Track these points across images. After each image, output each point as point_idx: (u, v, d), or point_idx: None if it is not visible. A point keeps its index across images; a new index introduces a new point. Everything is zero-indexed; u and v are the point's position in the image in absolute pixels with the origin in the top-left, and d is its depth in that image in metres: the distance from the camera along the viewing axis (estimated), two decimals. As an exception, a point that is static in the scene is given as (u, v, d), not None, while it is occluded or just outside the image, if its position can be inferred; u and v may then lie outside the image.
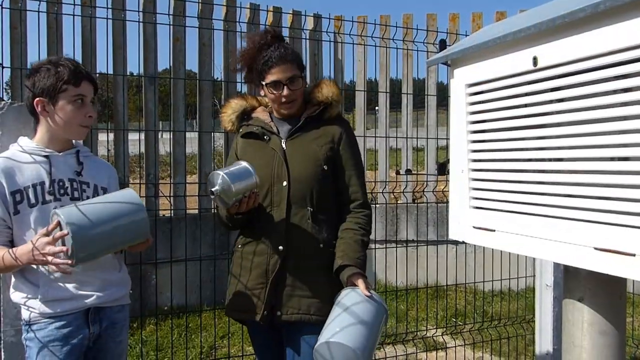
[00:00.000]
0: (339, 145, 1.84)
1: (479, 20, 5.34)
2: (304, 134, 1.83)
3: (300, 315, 1.75)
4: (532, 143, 1.10)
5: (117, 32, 4.20)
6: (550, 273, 2.80)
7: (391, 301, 4.57)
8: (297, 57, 1.83)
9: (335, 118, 1.88)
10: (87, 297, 1.63)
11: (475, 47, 1.20)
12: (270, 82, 1.78)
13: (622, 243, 0.90)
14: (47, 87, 1.58)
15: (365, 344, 1.54)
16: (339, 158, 1.84)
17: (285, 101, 1.79)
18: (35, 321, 1.59)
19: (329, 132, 1.84)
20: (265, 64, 1.79)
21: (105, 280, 1.68)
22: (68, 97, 1.59)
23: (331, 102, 1.85)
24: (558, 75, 1.02)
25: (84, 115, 1.62)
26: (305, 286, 1.76)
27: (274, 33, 1.86)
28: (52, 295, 1.59)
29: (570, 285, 1.15)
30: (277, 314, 1.76)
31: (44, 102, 1.59)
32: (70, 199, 1.63)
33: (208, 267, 4.29)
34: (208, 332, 3.71)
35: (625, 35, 0.87)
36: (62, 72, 1.58)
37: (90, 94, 1.65)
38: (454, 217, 1.35)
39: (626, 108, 0.90)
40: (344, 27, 4.90)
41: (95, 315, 1.67)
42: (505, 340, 3.61)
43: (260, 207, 1.79)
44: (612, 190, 0.94)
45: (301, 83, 1.81)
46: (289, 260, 1.76)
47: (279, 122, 1.88)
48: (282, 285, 1.76)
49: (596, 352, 1.09)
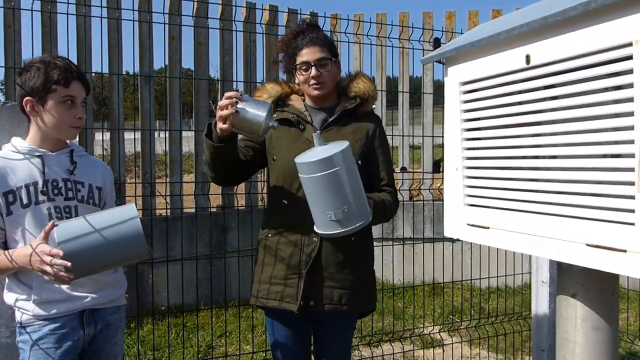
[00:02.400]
0: (372, 141, 1.87)
1: (475, 18, 5.34)
2: (339, 126, 1.85)
3: (332, 305, 1.79)
4: (525, 141, 1.11)
5: (112, 30, 4.19)
6: (546, 270, 2.82)
7: (389, 299, 4.58)
8: (328, 41, 1.87)
9: (369, 113, 1.92)
10: (81, 298, 1.63)
11: (469, 46, 1.20)
12: (299, 63, 1.82)
13: (614, 239, 0.91)
14: (36, 86, 1.55)
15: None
16: (372, 153, 1.87)
17: (314, 83, 1.81)
18: (28, 323, 1.58)
19: (364, 127, 1.87)
20: (296, 47, 1.84)
21: (99, 282, 1.67)
22: (57, 97, 1.56)
23: (367, 98, 1.88)
24: (551, 73, 1.03)
25: (73, 117, 1.59)
26: (337, 277, 1.79)
27: (309, 21, 1.93)
28: (45, 297, 1.58)
29: (563, 281, 1.16)
30: (311, 304, 1.79)
31: (33, 102, 1.57)
32: (64, 199, 1.61)
33: (205, 266, 4.29)
34: (205, 331, 3.72)
35: (616, 33, 0.88)
36: (52, 72, 1.55)
37: (81, 95, 1.62)
38: (449, 214, 1.36)
39: (618, 105, 0.91)
40: (339, 25, 4.91)
41: (90, 317, 1.66)
42: (502, 336, 3.62)
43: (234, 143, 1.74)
44: (604, 187, 0.94)
45: (331, 66, 1.83)
46: (322, 252, 1.79)
47: (313, 112, 1.89)
48: (315, 276, 1.79)
49: (589, 347, 1.10)
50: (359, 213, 1.56)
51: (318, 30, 1.90)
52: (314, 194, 1.55)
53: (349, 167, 1.53)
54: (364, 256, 1.89)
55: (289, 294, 1.80)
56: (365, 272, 1.89)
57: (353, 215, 1.54)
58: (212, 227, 4.42)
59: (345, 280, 1.80)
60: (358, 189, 1.57)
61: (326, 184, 1.51)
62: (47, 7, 3.80)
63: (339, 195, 1.52)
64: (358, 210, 1.56)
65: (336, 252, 1.80)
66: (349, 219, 1.53)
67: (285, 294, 1.81)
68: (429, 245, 4.08)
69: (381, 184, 1.89)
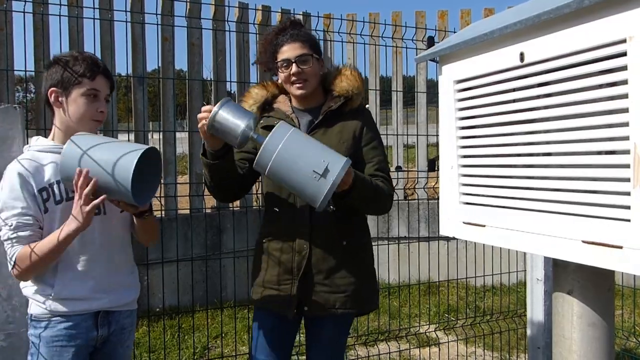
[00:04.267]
0: (359, 139, 1.82)
1: (467, 17, 5.36)
2: (324, 128, 1.80)
3: (326, 310, 1.78)
4: (520, 138, 1.11)
5: (104, 32, 4.17)
6: (541, 267, 2.83)
7: (384, 298, 4.59)
8: (310, 38, 1.82)
9: (357, 110, 1.85)
10: (99, 299, 1.63)
11: (463, 44, 1.21)
12: (280, 61, 1.78)
13: (609, 236, 0.91)
14: (62, 78, 1.59)
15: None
16: (360, 152, 1.81)
17: (295, 80, 1.77)
18: (43, 318, 1.58)
19: (350, 127, 1.81)
20: (277, 45, 1.80)
21: (119, 283, 1.68)
22: (82, 90, 1.60)
23: (351, 96, 1.82)
24: (545, 70, 1.03)
25: (95, 110, 1.62)
26: (330, 282, 1.78)
27: (292, 19, 1.89)
28: (65, 294, 1.58)
29: (559, 278, 1.16)
30: (305, 309, 1.79)
31: (58, 93, 1.60)
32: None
33: (200, 267, 4.28)
34: (201, 333, 3.70)
35: (609, 31, 0.88)
36: (79, 65, 1.60)
37: (105, 90, 1.66)
38: (445, 213, 1.36)
39: (612, 102, 0.91)
40: (332, 25, 4.91)
41: (104, 318, 1.66)
42: (498, 334, 3.63)
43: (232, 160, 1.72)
44: (599, 183, 0.95)
45: (312, 62, 1.78)
46: (314, 258, 1.78)
47: (300, 113, 1.85)
48: (308, 282, 1.78)
49: (585, 343, 1.10)
50: (336, 158, 1.51)
51: (300, 27, 1.86)
52: (287, 173, 1.51)
53: (296, 134, 1.53)
54: (362, 257, 1.87)
55: (283, 299, 1.80)
56: (365, 273, 1.86)
57: (333, 163, 1.49)
58: (207, 228, 4.41)
59: (340, 284, 1.79)
60: (319, 146, 1.54)
61: (287, 156, 1.49)
62: (39, 9, 3.78)
63: (306, 157, 1.50)
64: (334, 157, 1.51)
65: (328, 257, 1.78)
66: (332, 169, 1.48)
67: (279, 299, 1.81)
68: (424, 244, 4.08)
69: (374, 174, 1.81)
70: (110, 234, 1.68)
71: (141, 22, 4.28)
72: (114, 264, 1.67)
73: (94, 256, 1.62)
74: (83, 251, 1.60)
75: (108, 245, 1.67)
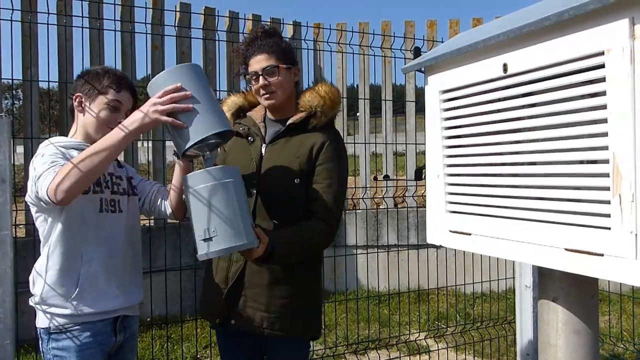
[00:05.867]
0: (317, 157, 1.72)
1: (456, 27, 5.42)
2: (285, 140, 1.75)
3: (253, 327, 1.72)
4: (505, 148, 1.12)
5: (94, 40, 4.16)
6: (530, 274, 2.85)
7: (374, 306, 4.59)
8: (277, 48, 1.74)
9: (324, 127, 1.77)
10: (120, 303, 1.67)
11: (448, 55, 1.22)
12: (249, 74, 1.76)
13: (591, 243, 0.93)
14: (90, 86, 1.67)
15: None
16: (313, 170, 1.72)
17: (263, 93, 1.74)
18: (65, 328, 1.58)
19: (309, 142, 1.73)
20: (246, 57, 1.77)
21: (133, 283, 1.74)
22: (106, 99, 1.67)
23: (315, 112, 1.74)
24: (528, 81, 1.05)
25: (114, 120, 1.67)
26: (260, 299, 1.71)
27: (264, 28, 1.82)
28: (90, 298, 1.59)
29: (544, 285, 1.18)
30: (232, 322, 1.74)
31: (82, 98, 1.68)
32: (110, 192, 1.69)
33: (189, 276, 4.25)
34: (190, 343, 3.68)
35: (588, 43, 0.90)
36: (107, 77, 1.68)
37: (128, 104, 1.72)
38: (431, 221, 1.37)
39: (592, 112, 0.93)
40: (322, 34, 4.94)
41: (121, 324, 1.70)
42: (488, 341, 3.65)
43: None
44: (582, 192, 0.96)
45: (279, 74, 1.72)
46: (249, 270, 1.72)
47: (270, 124, 1.82)
48: (238, 294, 1.73)
49: (570, 350, 1.11)
50: (231, 234, 1.47)
51: (272, 36, 1.79)
52: (191, 209, 1.51)
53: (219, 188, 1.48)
54: (302, 277, 1.76)
55: (213, 307, 1.79)
56: (303, 295, 1.75)
57: (223, 236, 1.46)
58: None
59: (272, 303, 1.70)
60: (234, 211, 1.48)
61: (193, 201, 1.48)
62: (27, 18, 3.77)
63: (205, 214, 1.47)
64: (231, 231, 1.47)
65: (262, 273, 1.70)
66: (220, 239, 1.45)
67: (210, 306, 1.81)
68: (414, 252, 4.10)
69: (315, 205, 1.69)
70: (130, 233, 1.74)
71: (130, 31, 4.28)
72: (132, 262, 1.74)
73: (115, 252, 1.67)
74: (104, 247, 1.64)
75: (129, 244, 1.73)
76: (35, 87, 4.03)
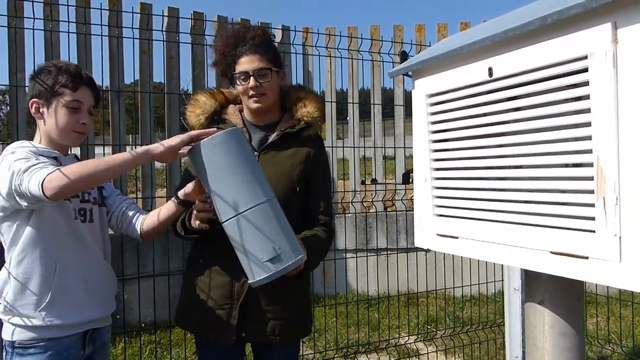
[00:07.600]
0: (312, 165, 1.75)
1: (444, 31, 5.45)
2: (279, 149, 1.73)
3: (266, 337, 1.70)
4: (491, 151, 1.13)
5: (80, 45, 4.14)
6: (518, 277, 2.86)
7: (364, 310, 4.58)
8: (270, 50, 1.72)
9: (313, 137, 1.80)
10: (93, 314, 1.61)
11: (434, 59, 1.23)
12: (238, 73, 1.70)
13: (576, 246, 0.93)
14: (44, 89, 1.55)
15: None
16: (310, 178, 1.75)
17: (252, 94, 1.70)
18: (30, 344, 1.50)
19: (303, 151, 1.75)
20: (235, 55, 1.71)
21: (107, 294, 1.68)
22: (63, 101, 1.55)
23: (313, 123, 1.77)
24: (513, 85, 1.05)
25: (76, 121, 1.58)
26: (270, 308, 1.70)
27: (257, 28, 1.77)
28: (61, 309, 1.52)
29: (531, 288, 1.18)
30: (243, 335, 1.70)
31: (39, 104, 1.57)
32: (80, 201, 1.62)
33: (178, 281, 4.21)
34: (180, 348, 3.65)
35: (571, 47, 0.91)
36: (61, 76, 1.56)
37: (89, 101, 1.61)
38: (419, 225, 1.37)
39: (576, 116, 0.93)
40: (311, 39, 4.94)
41: (91, 336, 1.63)
42: (477, 345, 3.66)
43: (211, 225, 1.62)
44: (567, 195, 0.97)
45: (271, 77, 1.70)
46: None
47: (252, 129, 1.77)
48: (247, 307, 1.69)
49: (557, 353, 1.12)
50: (290, 249, 1.46)
51: (264, 36, 1.75)
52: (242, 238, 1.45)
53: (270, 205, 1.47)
54: (298, 286, 1.76)
55: (221, 326, 1.69)
56: (302, 302, 1.79)
57: (286, 251, 1.44)
58: (185, 242, 4.35)
59: (279, 311, 1.71)
60: (285, 227, 1.48)
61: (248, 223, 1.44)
62: (13, 23, 3.73)
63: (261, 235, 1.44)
64: (289, 246, 1.46)
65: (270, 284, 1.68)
66: (284, 256, 1.43)
67: (217, 325, 1.70)
68: (404, 256, 4.10)
69: (317, 212, 1.75)
70: (103, 243, 1.69)
71: (118, 36, 4.25)
72: (105, 272, 1.67)
73: (90, 262, 1.61)
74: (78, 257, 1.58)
75: (103, 254, 1.68)
76: (21, 92, 3.99)
